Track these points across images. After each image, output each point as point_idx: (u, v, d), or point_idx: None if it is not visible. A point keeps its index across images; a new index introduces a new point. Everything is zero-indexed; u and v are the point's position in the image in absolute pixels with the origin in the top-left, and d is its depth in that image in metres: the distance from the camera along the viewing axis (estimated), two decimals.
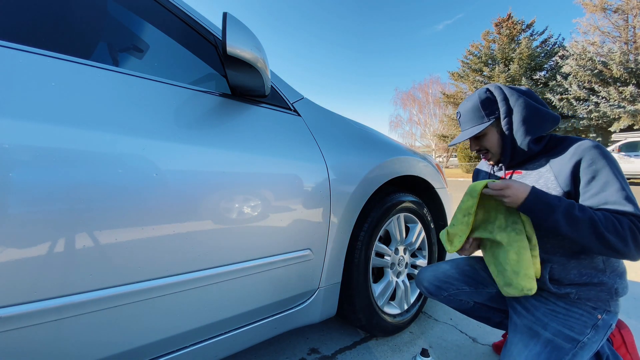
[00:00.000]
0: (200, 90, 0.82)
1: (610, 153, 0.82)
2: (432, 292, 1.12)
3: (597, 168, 0.79)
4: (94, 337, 0.62)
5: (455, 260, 1.17)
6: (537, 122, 0.88)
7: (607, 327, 0.84)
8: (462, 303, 1.11)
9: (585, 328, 0.83)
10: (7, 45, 0.56)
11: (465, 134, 0.98)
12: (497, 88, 0.93)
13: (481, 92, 0.95)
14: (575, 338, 0.82)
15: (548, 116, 0.88)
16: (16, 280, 0.52)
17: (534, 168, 0.92)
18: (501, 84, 0.92)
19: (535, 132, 0.87)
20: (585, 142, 0.82)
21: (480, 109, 0.94)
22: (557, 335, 0.83)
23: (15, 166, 0.52)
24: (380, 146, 1.27)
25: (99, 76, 0.66)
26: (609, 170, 0.78)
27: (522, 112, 0.88)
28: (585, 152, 0.81)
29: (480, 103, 0.94)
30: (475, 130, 0.94)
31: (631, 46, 13.44)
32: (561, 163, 0.85)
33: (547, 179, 0.87)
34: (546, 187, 0.86)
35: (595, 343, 0.82)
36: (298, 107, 1.06)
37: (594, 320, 0.83)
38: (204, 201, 0.73)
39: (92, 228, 0.59)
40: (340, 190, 1.04)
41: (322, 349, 1.23)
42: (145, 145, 0.66)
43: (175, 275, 0.70)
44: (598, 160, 0.79)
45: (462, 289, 1.09)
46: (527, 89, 0.94)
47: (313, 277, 1.02)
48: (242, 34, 0.77)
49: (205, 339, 0.79)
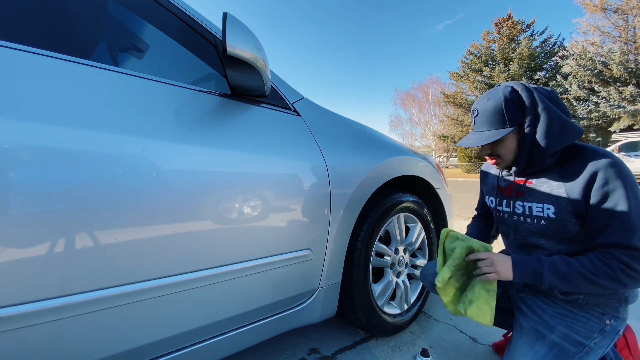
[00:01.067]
0: (200, 90, 0.82)
1: (627, 171, 0.77)
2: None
3: (608, 189, 0.75)
4: (94, 337, 0.62)
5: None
6: (562, 135, 0.81)
7: (615, 332, 0.83)
8: None
9: (593, 333, 0.82)
10: (7, 45, 0.56)
11: (481, 137, 0.87)
12: (525, 89, 0.83)
13: (506, 91, 0.84)
14: (582, 342, 0.81)
15: (573, 129, 0.81)
16: (16, 280, 0.52)
17: (546, 180, 0.87)
18: (526, 82, 0.85)
19: (557, 146, 0.81)
20: (601, 161, 0.77)
21: (503, 112, 0.83)
22: (564, 339, 0.82)
23: (15, 166, 0.52)
24: (380, 146, 1.27)
25: (99, 76, 0.66)
26: (621, 192, 0.74)
27: (549, 124, 0.80)
28: (600, 171, 0.76)
29: (505, 105, 0.83)
30: (495, 136, 0.84)
31: (631, 46, 13.44)
32: (574, 181, 0.80)
33: (559, 194, 0.83)
34: (557, 204, 0.83)
35: (602, 348, 0.81)
36: (298, 107, 1.06)
37: (601, 326, 0.82)
38: (204, 201, 0.73)
39: (92, 228, 0.59)
40: (340, 190, 1.04)
41: (322, 349, 1.23)
42: (146, 145, 0.66)
43: (175, 275, 0.70)
44: (611, 181, 0.75)
45: None
46: (551, 90, 0.86)
47: (313, 277, 1.02)
48: (242, 34, 0.77)
49: (205, 339, 0.79)
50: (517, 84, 0.85)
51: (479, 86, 18.44)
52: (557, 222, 0.84)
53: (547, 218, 0.86)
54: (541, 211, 0.87)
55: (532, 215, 0.90)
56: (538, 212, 0.88)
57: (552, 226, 0.85)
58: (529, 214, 0.91)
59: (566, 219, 0.82)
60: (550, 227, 0.86)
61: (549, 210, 0.85)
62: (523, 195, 0.93)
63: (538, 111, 0.81)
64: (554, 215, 0.84)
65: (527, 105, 0.82)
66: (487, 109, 0.86)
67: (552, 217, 0.85)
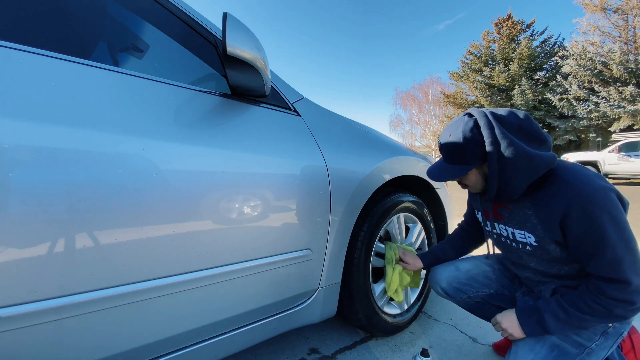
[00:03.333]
0: (200, 90, 0.82)
1: (602, 199, 0.71)
2: (450, 294, 1.08)
3: (585, 224, 0.71)
4: (94, 337, 0.62)
5: (474, 260, 1.12)
6: (530, 172, 0.76)
7: (618, 334, 0.82)
8: (478, 305, 1.08)
9: (595, 334, 0.81)
10: (7, 45, 0.56)
11: (444, 171, 0.86)
12: (487, 126, 0.77)
13: (467, 129, 0.79)
14: (583, 344, 0.80)
15: (543, 163, 0.75)
16: (16, 280, 0.52)
17: (521, 208, 0.84)
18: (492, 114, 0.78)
19: (525, 183, 0.77)
20: (573, 194, 0.72)
21: (463, 151, 0.80)
22: (564, 340, 0.82)
23: (15, 166, 0.52)
24: (380, 146, 1.27)
25: (99, 76, 0.66)
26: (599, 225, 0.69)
27: (513, 163, 0.75)
28: (572, 205, 0.72)
29: (464, 144, 0.79)
30: (456, 175, 0.84)
31: (631, 46, 13.44)
32: (547, 214, 0.77)
33: (534, 225, 0.81)
34: (535, 234, 0.82)
35: (604, 350, 0.81)
36: (298, 107, 1.06)
37: (604, 327, 0.82)
38: (204, 201, 0.73)
39: (92, 228, 0.59)
40: (340, 190, 1.04)
41: (322, 349, 1.23)
42: (145, 145, 0.66)
43: (175, 276, 0.70)
44: (586, 215, 0.70)
45: (482, 291, 1.05)
46: (524, 117, 0.79)
47: (313, 277, 1.02)
48: (242, 34, 0.77)
49: (205, 339, 0.79)
50: (480, 115, 0.79)
51: (479, 86, 18.44)
52: (540, 249, 0.83)
53: (531, 245, 0.85)
54: (524, 238, 0.86)
55: (516, 241, 0.89)
56: (521, 238, 0.87)
57: (538, 252, 0.85)
58: (513, 239, 0.90)
59: (549, 247, 0.81)
60: (536, 252, 0.85)
61: (530, 239, 0.84)
62: (503, 220, 0.91)
63: (501, 150, 0.75)
64: (535, 243, 0.83)
65: (488, 145, 0.76)
66: (447, 145, 0.83)
67: (535, 245, 0.84)
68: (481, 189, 0.88)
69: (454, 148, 0.81)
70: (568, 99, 14.92)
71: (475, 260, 1.11)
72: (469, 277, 1.06)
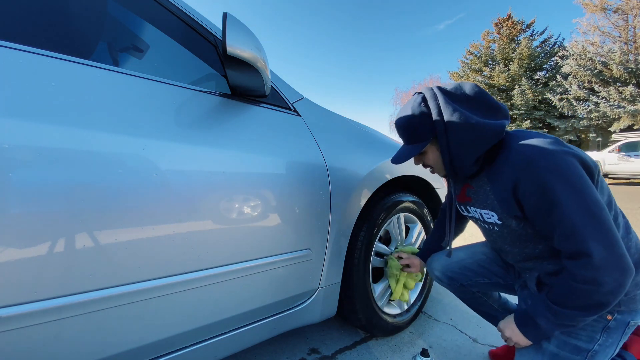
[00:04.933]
0: (200, 90, 0.82)
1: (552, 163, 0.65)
2: (444, 281, 1.09)
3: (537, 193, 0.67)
4: (94, 337, 0.62)
5: (471, 248, 1.10)
6: (476, 141, 0.74)
7: (624, 326, 0.73)
8: (473, 295, 1.08)
9: (594, 333, 0.74)
10: (7, 45, 0.56)
11: (403, 153, 0.86)
12: (432, 98, 0.77)
13: (415, 105, 0.80)
14: (583, 347, 0.74)
15: (489, 132, 0.73)
16: (16, 280, 0.52)
17: (480, 186, 0.83)
18: (437, 87, 0.79)
19: (473, 154, 0.75)
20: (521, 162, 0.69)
21: (414, 128, 0.80)
22: (563, 348, 0.75)
23: (15, 166, 0.52)
24: (380, 146, 1.27)
25: (99, 76, 0.66)
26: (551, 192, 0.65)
27: (457, 132, 0.74)
28: (521, 175, 0.69)
29: (414, 121, 0.79)
30: (412, 153, 0.83)
31: (631, 46, 13.44)
32: (499, 187, 0.75)
33: (492, 201, 0.79)
34: (496, 211, 0.79)
35: (610, 347, 0.74)
36: (298, 107, 1.06)
37: (603, 323, 0.74)
38: (204, 201, 0.73)
39: (93, 228, 0.59)
40: (340, 190, 1.04)
41: (322, 349, 1.23)
42: (146, 145, 0.66)
43: (175, 275, 0.70)
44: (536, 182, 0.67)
45: (476, 280, 1.04)
46: (471, 87, 0.78)
47: (313, 277, 1.02)
48: (242, 34, 0.77)
49: (205, 339, 0.79)
50: (427, 90, 0.79)
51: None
52: (505, 227, 0.80)
53: (496, 224, 0.82)
54: (490, 217, 0.83)
55: (485, 222, 0.86)
56: (488, 218, 0.84)
57: (505, 231, 0.82)
58: (483, 220, 0.87)
59: (511, 224, 0.78)
60: (503, 232, 0.82)
61: (494, 217, 0.81)
62: (471, 201, 0.89)
63: (445, 119, 0.75)
64: (499, 221, 0.80)
65: (434, 116, 0.76)
66: (401, 125, 0.84)
67: (499, 223, 0.81)
68: (443, 169, 0.86)
69: (407, 126, 0.82)
70: (568, 99, 14.92)
71: (471, 249, 1.10)
72: (461, 267, 1.05)
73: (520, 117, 17.34)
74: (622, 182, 9.26)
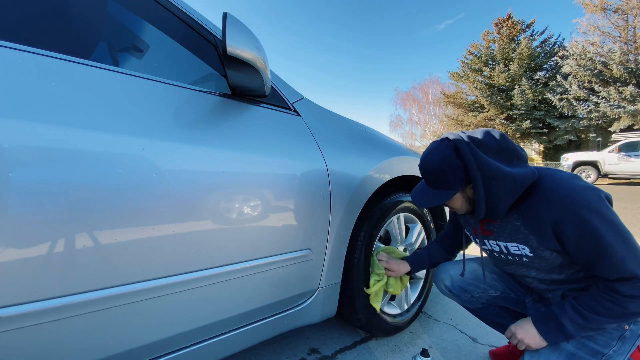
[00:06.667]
0: (200, 90, 0.82)
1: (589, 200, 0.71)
2: (454, 292, 1.08)
3: (578, 232, 0.72)
4: (94, 337, 0.62)
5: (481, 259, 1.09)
6: (512, 190, 0.78)
7: (636, 337, 0.80)
8: (483, 307, 1.07)
9: (611, 340, 0.80)
10: (7, 45, 0.56)
11: (428, 197, 0.86)
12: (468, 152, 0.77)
13: (447, 154, 0.79)
14: (600, 351, 0.79)
15: (525, 180, 0.77)
16: (16, 280, 0.52)
17: (508, 221, 0.85)
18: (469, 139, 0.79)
19: (510, 200, 0.79)
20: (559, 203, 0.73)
21: (445, 177, 0.80)
22: (580, 349, 0.80)
23: (15, 166, 0.52)
24: (380, 146, 1.27)
25: (99, 76, 0.66)
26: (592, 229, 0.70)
27: (495, 184, 0.77)
28: (561, 215, 0.73)
29: (447, 169, 0.79)
30: (439, 200, 0.84)
31: (631, 46, 13.45)
32: (536, 226, 0.78)
33: (526, 237, 0.82)
34: (529, 245, 0.82)
35: (622, 355, 0.79)
36: (298, 107, 1.06)
37: (620, 332, 0.80)
38: (204, 201, 0.73)
39: (92, 228, 0.59)
40: (340, 191, 1.04)
41: (322, 349, 1.23)
42: (145, 145, 0.66)
43: (175, 276, 0.70)
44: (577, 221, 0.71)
45: (487, 292, 1.04)
46: (500, 137, 0.80)
47: (313, 277, 1.02)
48: (242, 34, 0.77)
49: (205, 339, 0.79)
50: (460, 141, 0.78)
51: (479, 86, 18.43)
52: (537, 258, 0.83)
53: (526, 255, 0.84)
54: (517, 250, 0.86)
55: (511, 254, 0.88)
56: (515, 250, 0.86)
57: (535, 262, 0.84)
58: (508, 252, 0.89)
59: (544, 255, 0.81)
60: (533, 262, 0.85)
61: (525, 250, 0.84)
62: (493, 235, 0.91)
63: (484, 174, 0.76)
64: (530, 254, 0.83)
65: (471, 170, 0.77)
66: (430, 171, 0.83)
67: (531, 255, 0.83)
68: (467, 211, 0.89)
69: (437, 174, 0.82)
70: (568, 99, 14.92)
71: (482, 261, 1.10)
72: (474, 277, 1.05)
73: (520, 117, 17.34)
74: (622, 182, 9.27)
